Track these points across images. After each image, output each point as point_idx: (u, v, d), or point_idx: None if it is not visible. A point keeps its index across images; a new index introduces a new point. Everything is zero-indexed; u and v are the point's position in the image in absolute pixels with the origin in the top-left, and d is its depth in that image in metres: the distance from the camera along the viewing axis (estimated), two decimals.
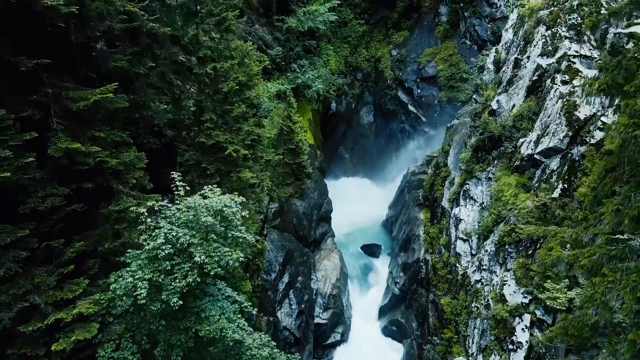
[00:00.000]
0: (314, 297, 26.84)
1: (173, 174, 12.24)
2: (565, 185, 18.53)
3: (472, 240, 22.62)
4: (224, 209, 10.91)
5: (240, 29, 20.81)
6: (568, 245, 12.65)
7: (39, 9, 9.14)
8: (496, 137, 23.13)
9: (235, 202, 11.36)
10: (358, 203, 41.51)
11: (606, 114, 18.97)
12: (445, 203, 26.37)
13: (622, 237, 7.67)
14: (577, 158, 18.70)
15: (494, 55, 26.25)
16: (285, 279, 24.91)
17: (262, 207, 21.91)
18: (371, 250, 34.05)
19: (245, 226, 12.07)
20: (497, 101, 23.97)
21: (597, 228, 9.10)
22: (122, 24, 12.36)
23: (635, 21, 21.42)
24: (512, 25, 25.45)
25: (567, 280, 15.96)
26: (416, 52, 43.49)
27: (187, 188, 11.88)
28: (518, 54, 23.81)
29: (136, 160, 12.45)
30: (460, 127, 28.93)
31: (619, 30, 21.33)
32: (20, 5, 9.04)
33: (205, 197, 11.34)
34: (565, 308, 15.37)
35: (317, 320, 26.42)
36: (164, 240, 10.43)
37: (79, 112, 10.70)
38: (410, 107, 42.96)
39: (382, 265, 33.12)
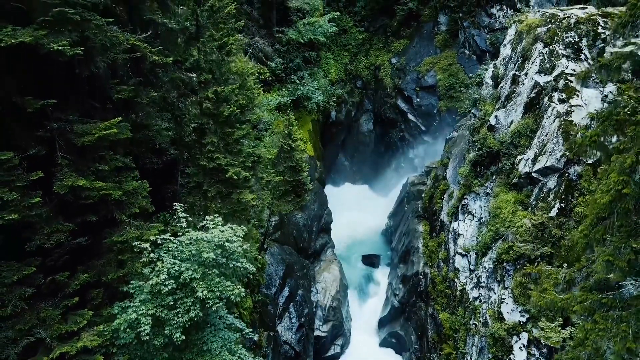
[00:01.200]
0: (313, 309, 27.04)
1: (175, 205, 12.44)
2: (562, 204, 18.74)
3: (470, 256, 22.83)
4: (226, 244, 11.13)
5: (241, 47, 21.08)
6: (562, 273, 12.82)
7: (44, 52, 9.34)
8: (494, 153, 23.35)
9: (237, 235, 11.57)
10: (358, 211, 41.78)
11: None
12: (444, 217, 26.58)
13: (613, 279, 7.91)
14: (574, 177, 18.91)
15: (493, 70, 26.45)
16: (286, 292, 25.12)
17: (262, 221, 22.14)
18: (371, 260, 34.27)
19: (246, 251, 12.25)
20: (496, 117, 24.18)
21: (590, 268, 9.30)
22: (125, 54, 12.57)
23: (631, 40, 21.71)
24: (510, 41, 25.65)
25: (561, 318, 16.09)
26: (415, 61, 43.71)
27: (190, 219, 12.08)
28: (516, 70, 24.01)
29: (139, 188, 12.65)
30: (459, 140, 29.16)
31: (616, 49, 21.56)
32: (26, 50, 9.22)
33: (207, 229, 11.54)
34: (559, 347, 15.57)
35: (317, 332, 26.63)
36: (167, 276, 10.64)
37: (84, 147, 10.90)
38: (410, 116, 43.17)
39: (381, 275, 33.33)
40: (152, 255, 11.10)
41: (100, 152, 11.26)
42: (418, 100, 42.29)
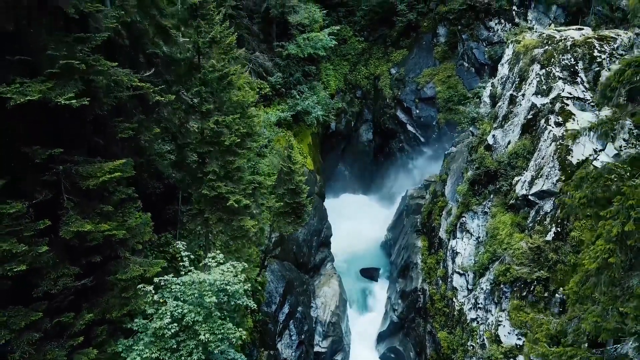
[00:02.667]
0: (313, 325, 27.31)
1: (177, 243, 12.73)
2: (558, 228, 19.00)
3: (468, 275, 23.11)
4: (227, 287, 11.40)
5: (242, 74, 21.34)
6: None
7: (51, 106, 9.62)
8: (492, 173, 23.63)
9: (238, 272, 11.82)
10: (357, 221, 42.02)
11: (598, 158, 19.51)
12: (442, 234, 26.84)
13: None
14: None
15: (490, 89, 26.73)
16: (286, 309, 25.39)
17: (263, 239, 22.41)
18: (370, 274, 34.55)
19: (247, 291, 12.53)
20: (493, 136, 24.45)
21: (579, 324, 9.56)
22: (128, 91, 12.86)
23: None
24: (507, 61, 25.92)
25: None
26: (415, 72, 43.97)
27: (192, 256, 12.36)
28: (513, 91, 24.28)
29: (142, 224, 12.92)
30: (458, 156, 29.40)
31: (612, 73, 21.84)
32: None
33: (209, 268, 11.82)
34: None
35: (316, 348, 26.91)
36: (170, 320, 10.92)
37: (89, 189, 11.18)
38: (409, 127, 43.47)
39: (380, 289, 33.61)
40: (155, 297, 11.37)
41: (105, 193, 11.53)
42: (417, 111, 42.58)
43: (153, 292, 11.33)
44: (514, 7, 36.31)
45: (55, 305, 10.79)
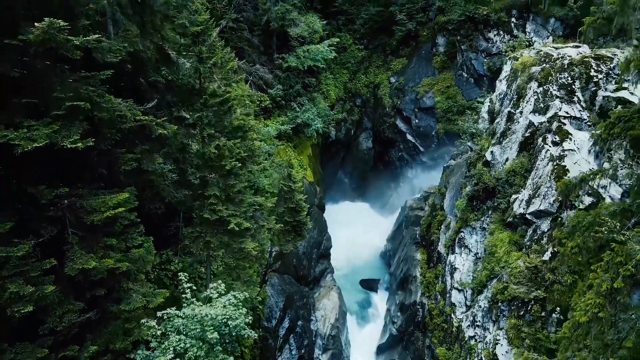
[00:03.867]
0: (313, 338, 27.54)
1: (180, 274, 12.96)
2: (555, 249, 19.23)
3: (466, 291, 23.33)
4: (229, 322, 11.64)
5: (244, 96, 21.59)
6: None
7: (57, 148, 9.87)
8: (490, 189, 23.87)
9: (240, 312, 12.06)
10: (357, 229, 42.27)
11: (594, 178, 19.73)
12: (441, 248, 27.08)
13: None
14: (566, 222, 19.40)
15: (489, 105, 26.96)
16: (286, 324, 25.63)
17: (263, 260, 22.62)
18: (370, 285, 34.79)
19: (247, 324, 12.77)
20: (491, 152, 24.68)
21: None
22: (131, 123, 13.09)
23: (623, 85, 22.24)
24: (505, 77, 26.15)
25: None
26: (414, 81, 44.17)
27: (194, 288, 12.60)
28: (511, 108, 24.52)
29: (146, 255, 13.15)
30: (456, 170, 29.62)
31: (608, 93, 22.11)
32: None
33: (210, 300, 12.06)
34: None
35: None
36: (173, 355, 11.16)
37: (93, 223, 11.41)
38: (409, 137, 43.70)
39: (380, 300, 33.84)
40: (159, 333, 11.60)
41: (109, 228, 11.77)
42: (417, 121, 42.80)
43: (157, 327, 11.56)
44: (513, 19, 36.57)
45: (61, 339, 11.02)
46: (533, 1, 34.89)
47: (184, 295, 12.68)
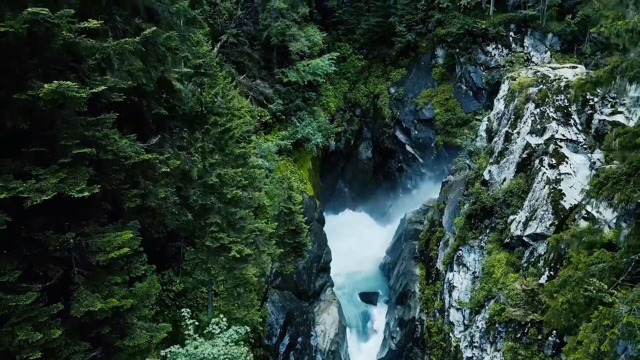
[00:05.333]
0: (313, 354, 27.83)
1: (182, 310, 13.26)
2: (552, 272, 19.53)
3: (464, 310, 23.62)
4: None
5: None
6: None
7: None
8: (488, 208, 24.17)
9: (241, 350, 12.38)
10: (357, 239, 42.62)
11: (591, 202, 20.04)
12: (439, 265, 27.37)
13: None
14: (562, 246, 19.68)
15: (487, 124, 27.25)
16: (286, 340, 25.92)
17: (263, 284, 22.94)
18: (369, 298, 35.11)
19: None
20: (489, 171, 24.98)
21: None
22: (135, 159, 13.39)
23: (618, 109, 22.54)
24: (503, 97, 26.44)
25: None
26: (413, 92, 44.46)
27: (196, 323, 12.90)
28: (509, 128, 24.81)
29: (149, 288, 13.44)
30: (455, 186, 29.91)
31: (604, 117, 22.41)
32: None
33: (212, 335, 12.36)
34: None
35: None
36: None
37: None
38: (408, 148, 44.02)
39: (379, 313, 34.16)
40: None
41: (114, 264, 12.06)
42: (416, 132, 43.11)
43: None
44: (511, 34, 36.86)
45: None
46: (531, 17, 35.16)
47: (187, 332, 12.99)
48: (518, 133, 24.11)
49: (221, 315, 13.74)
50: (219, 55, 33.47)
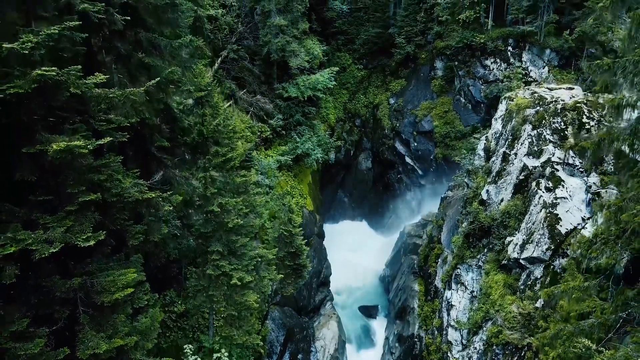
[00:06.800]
0: None
1: (185, 347, 13.57)
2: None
3: (462, 330, 23.92)
4: None
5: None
6: None
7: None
8: (486, 228, 24.47)
9: None
10: (357, 249, 42.99)
11: (586, 227, 20.37)
12: (438, 282, 27.67)
13: None
14: (558, 270, 20.01)
15: (485, 143, 27.54)
16: (286, 358, 26.21)
17: (264, 308, 23.23)
18: (368, 312, 35.38)
19: None
20: (487, 191, 25.27)
21: None
22: (137, 195, 13.68)
23: None
24: (501, 117, 26.73)
25: None
26: (413, 103, 44.74)
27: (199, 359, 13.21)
28: (506, 148, 25.09)
29: (152, 323, 13.74)
30: (454, 203, 30.19)
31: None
32: None
33: None
34: None
35: None
36: None
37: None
38: (407, 159, 44.33)
39: (379, 326, 34.44)
40: None
41: (118, 305, 12.36)
42: (415, 144, 43.41)
43: None
44: (509, 48, 37.15)
45: None
46: (529, 32, 35.45)
47: None
48: (515, 154, 24.40)
49: (222, 350, 14.02)
50: (219, 70, 33.82)
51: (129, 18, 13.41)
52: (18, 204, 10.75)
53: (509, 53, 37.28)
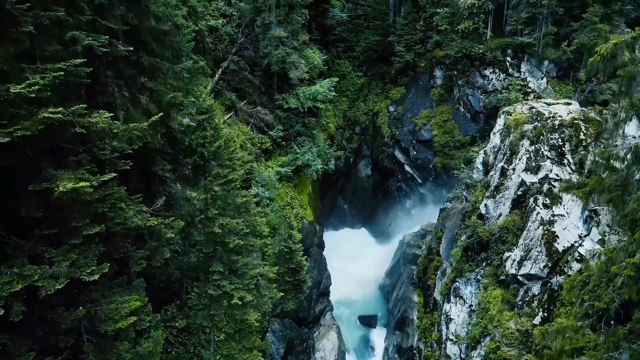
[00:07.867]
0: None
1: None
2: (545, 314, 20.05)
3: (461, 344, 24.13)
4: None
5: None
6: None
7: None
8: (484, 242, 24.68)
9: None
10: (356, 258, 43.13)
11: (583, 244, 20.59)
12: (437, 295, 27.89)
13: None
14: (556, 287, 20.23)
15: (483, 157, 27.75)
16: None
17: (265, 323, 23.43)
18: (368, 321, 35.61)
19: None
20: (485, 205, 25.48)
21: None
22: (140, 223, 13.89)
23: None
24: (499, 131, 26.94)
25: None
26: (412, 112, 44.93)
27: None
28: (504, 163, 25.31)
29: (154, 346, 13.96)
30: (453, 215, 30.42)
31: (597, 158, 22.90)
32: None
33: None
34: None
35: None
36: None
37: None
38: (407, 167, 44.53)
39: (378, 336, 34.66)
40: None
41: (122, 335, 12.57)
42: (415, 153, 43.61)
43: None
44: (508, 59, 37.36)
45: None
46: (527, 43, 35.67)
47: None
48: (513, 169, 24.61)
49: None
50: (220, 82, 34.03)
51: (131, 48, 13.60)
52: (23, 237, 10.97)
53: (507, 63, 37.49)
